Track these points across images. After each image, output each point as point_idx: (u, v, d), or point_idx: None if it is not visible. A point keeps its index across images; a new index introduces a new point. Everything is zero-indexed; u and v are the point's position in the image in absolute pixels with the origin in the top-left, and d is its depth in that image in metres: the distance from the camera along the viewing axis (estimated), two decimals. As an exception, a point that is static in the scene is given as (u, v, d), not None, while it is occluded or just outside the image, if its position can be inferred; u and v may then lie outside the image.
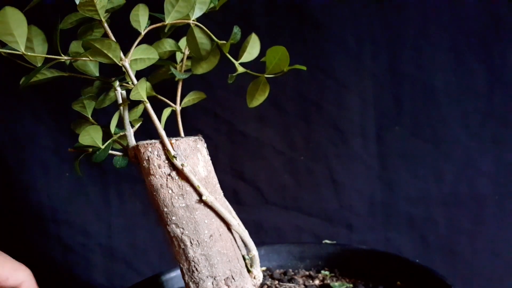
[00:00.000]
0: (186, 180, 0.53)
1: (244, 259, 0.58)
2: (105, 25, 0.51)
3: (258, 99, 0.56)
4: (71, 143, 1.02)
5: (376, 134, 1.00)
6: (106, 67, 0.56)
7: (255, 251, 0.58)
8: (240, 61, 0.55)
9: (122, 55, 0.52)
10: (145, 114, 0.55)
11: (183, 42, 0.60)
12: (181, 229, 0.54)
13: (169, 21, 0.53)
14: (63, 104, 1.00)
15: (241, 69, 0.54)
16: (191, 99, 0.62)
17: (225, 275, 0.56)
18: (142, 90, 0.52)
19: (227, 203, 0.59)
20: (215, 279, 0.55)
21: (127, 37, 0.53)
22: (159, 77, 0.62)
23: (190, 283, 0.56)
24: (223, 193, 0.58)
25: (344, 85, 0.98)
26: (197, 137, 0.56)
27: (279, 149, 1.02)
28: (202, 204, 0.54)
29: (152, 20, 0.54)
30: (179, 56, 0.62)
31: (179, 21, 0.53)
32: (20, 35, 0.48)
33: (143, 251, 1.07)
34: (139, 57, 0.54)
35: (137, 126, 0.59)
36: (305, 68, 0.52)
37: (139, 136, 0.57)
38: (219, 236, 0.55)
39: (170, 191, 0.53)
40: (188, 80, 0.59)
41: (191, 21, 0.53)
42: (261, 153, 1.03)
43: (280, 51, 0.51)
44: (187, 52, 0.60)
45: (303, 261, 0.78)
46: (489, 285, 1.01)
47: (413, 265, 0.68)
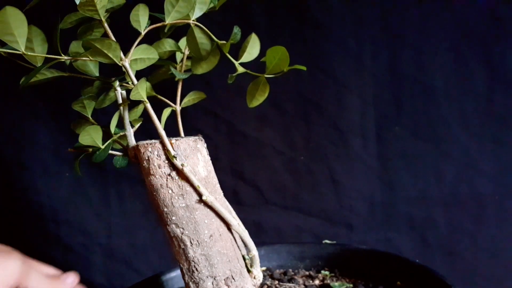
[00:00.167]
0: (186, 180, 0.53)
1: (244, 259, 0.58)
2: (105, 25, 0.51)
3: (258, 99, 0.56)
4: (71, 143, 1.02)
5: (376, 134, 1.00)
6: (106, 67, 0.56)
7: (255, 251, 0.58)
8: (240, 61, 0.55)
9: (122, 55, 0.52)
10: (145, 114, 0.55)
11: (183, 42, 0.60)
12: (181, 229, 0.54)
13: (169, 21, 0.53)
14: (63, 104, 1.00)
15: (241, 69, 0.54)
16: (191, 99, 0.62)
17: (225, 275, 0.56)
18: (142, 90, 0.52)
19: (227, 203, 0.58)
20: (215, 279, 0.55)
21: (127, 37, 0.53)
22: (159, 77, 0.62)
23: (190, 283, 0.56)
24: (223, 193, 0.58)
25: (344, 85, 0.98)
26: (197, 137, 0.56)
27: (279, 149, 1.02)
28: (202, 204, 0.54)
29: (152, 20, 0.54)
30: (179, 56, 0.62)
31: (179, 21, 0.53)
32: (20, 35, 0.48)
33: (143, 251, 1.07)
34: (139, 57, 0.54)
35: (137, 126, 0.59)
36: (305, 68, 0.52)
37: (139, 136, 0.57)
38: (219, 236, 0.55)
39: (170, 191, 0.53)
40: (188, 80, 0.59)
41: (191, 21, 0.53)
42: (261, 153, 1.03)
43: (280, 51, 0.51)
44: (187, 52, 0.60)
45: (303, 261, 0.78)
46: (489, 285, 1.01)
47: (413, 265, 0.68)
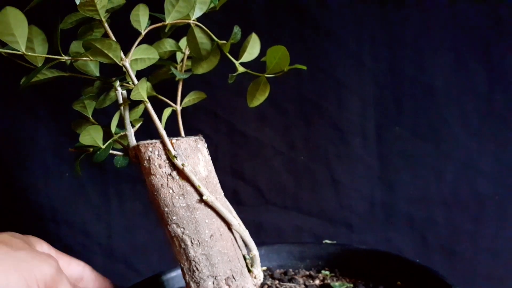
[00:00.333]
0: (186, 180, 0.53)
1: (244, 258, 0.58)
2: (106, 25, 0.51)
3: (258, 99, 0.56)
4: (71, 143, 1.02)
5: (376, 134, 1.00)
6: (106, 67, 0.56)
7: (255, 251, 0.58)
8: (240, 61, 0.55)
9: (122, 55, 0.52)
10: (146, 114, 0.55)
11: (183, 42, 0.60)
12: (182, 229, 0.54)
13: (169, 21, 0.53)
14: (63, 104, 1.00)
15: (241, 69, 0.54)
16: (192, 99, 0.62)
17: (225, 274, 0.56)
18: (142, 90, 0.52)
19: (228, 203, 0.58)
20: (216, 278, 0.55)
21: (127, 37, 0.53)
22: (160, 77, 0.62)
23: (191, 282, 0.56)
24: (223, 193, 0.58)
25: (344, 85, 0.98)
26: (197, 137, 0.56)
27: (279, 149, 1.02)
28: (202, 204, 0.54)
29: (152, 20, 0.54)
30: (179, 56, 0.62)
31: (180, 21, 0.53)
32: (20, 35, 0.48)
33: (143, 251, 1.07)
34: (139, 57, 0.54)
35: (137, 126, 0.59)
36: (305, 67, 0.52)
37: (139, 136, 0.57)
38: (220, 235, 0.55)
39: (170, 191, 0.53)
40: (188, 80, 0.59)
41: (191, 21, 0.53)
42: (261, 153, 1.03)
43: (280, 51, 0.51)
44: (187, 52, 0.60)
45: (303, 261, 0.78)
46: (489, 285, 1.01)
47: (413, 265, 0.68)
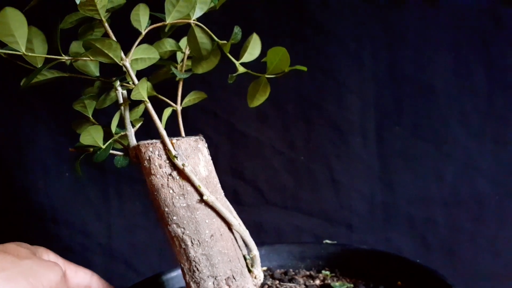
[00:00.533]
0: (187, 180, 0.53)
1: (245, 259, 0.58)
2: (106, 24, 0.51)
3: (259, 99, 0.56)
4: (71, 143, 1.01)
5: (376, 134, 1.00)
6: (106, 67, 0.56)
7: (256, 251, 0.58)
8: (241, 61, 0.55)
9: (122, 54, 0.52)
10: (146, 114, 0.55)
11: (183, 42, 0.60)
12: (182, 229, 0.54)
13: (169, 20, 0.53)
14: (63, 104, 0.99)
15: (241, 69, 0.54)
16: (192, 98, 0.62)
17: (226, 274, 0.55)
18: (143, 90, 0.52)
19: (228, 203, 0.58)
20: (216, 278, 0.55)
21: (128, 37, 0.53)
22: (160, 77, 0.62)
23: (191, 282, 0.56)
24: (223, 193, 0.58)
25: (344, 85, 0.98)
26: (198, 137, 0.56)
27: (279, 149, 1.02)
28: (203, 204, 0.54)
29: (152, 19, 0.54)
30: (180, 56, 0.62)
31: (180, 21, 0.53)
32: (20, 36, 0.48)
33: (143, 251, 1.07)
34: (140, 56, 0.54)
35: (138, 126, 0.59)
36: (305, 68, 0.52)
37: (140, 136, 0.57)
38: (220, 236, 0.55)
39: (171, 191, 0.53)
40: (188, 80, 0.59)
41: (191, 21, 0.53)
42: (261, 153, 1.03)
43: (280, 52, 0.51)
44: (187, 52, 0.60)
45: (303, 261, 0.78)
46: (490, 285, 1.01)
47: (413, 265, 0.68)
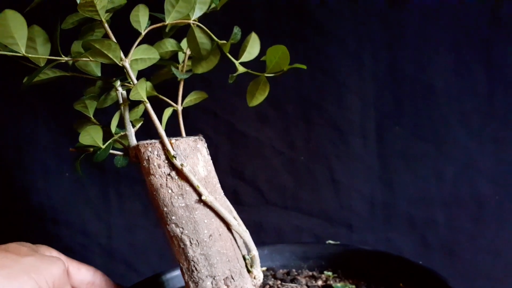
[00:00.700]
0: (185, 180, 0.53)
1: (244, 259, 0.58)
2: (106, 25, 0.51)
3: (258, 98, 0.56)
4: (71, 143, 1.01)
5: (376, 134, 1.00)
6: (108, 67, 0.56)
7: (255, 252, 0.58)
8: (240, 61, 0.55)
9: (122, 55, 0.52)
10: (147, 113, 0.55)
11: (185, 42, 0.60)
12: (181, 229, 0.54)
13: (169, 21, 0.53)
14: (63, 104, 1.00)
15: (241, 69, 0.54)
16: (193, 98, 0.62)
17: (224, 274, 0.55)
18: (142, 90, 0.52)
19: (228, 203, 0.58)
20: (214, 278, 0.55)
21: (129, 37, 0.53)
22: (161, 77, 0.62)
23: (189, 282, 0.56)
24: (223, 193, 0.58)
25: (344, 85, 0.98)
26: (197, 137, 0.56)
27: (279, 149, 1.02)
28: (201, 204, 0.54)
29: (152, 20, 0.54)
30: (181, 56, 0.62)
31: (180, 21, 0.53)
32: (20, 37, 0.49)
33: (143, 251, 1.07)
34: (139, 57, 0.54)
35: (138, 125, 0.59)
36: (305, 67, 0.52)
37: (141, 135, 0.57)
38: (219, 236, 0.55)
39: (169, 191, 0.53)
40: (188, 80, 0.59)
41: (191, 21, 0.53)
42: (261, 153, 1.03)
43: (280, 50, 0.51)
44: (188, 52, 0.60)
45: (306, 261, 0.78)
46: (490, 285, 1.01)
47: (416, 267, 0.68)
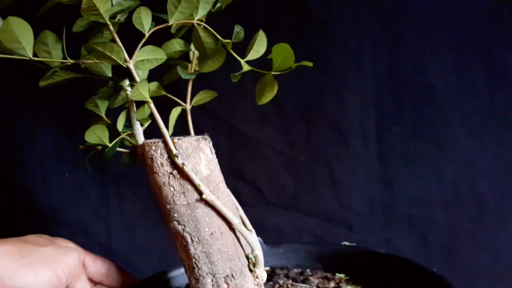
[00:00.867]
0: (187, 178, 0.54)
1: (247, 258, 0.58)
2: (111, 27, 0.52)
3: (267, 97, 0.56)
4: (71, 143, 1.02)
5: (376, 134, 1.00)
6: (122, 68, 0.57)
7: (258, 251, 0.58)
8: (246, 59, 0.55)
9: (126, 56, 0.53)
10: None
11: None
12: (183, 226, 0.55)
13: (172, 21, 0.53)
14: (63, 104, 1.00)
15: (246, 67, 0.55)
16: (202, 97, 0.62)
17: (224, 273, 0.56)
18: (144, 90, 0.53)
19: (234, 202, 0.59)
20: (214, 276, 0.56)
21: (140, 38, 0.54)
22: (172, 77, 0.63)
23: (191, 279, 0.57)
24: (229, 192, 0.59)
25: (344, 85, 0.98)
26: (200, 136, 0.56)
27: (279, 149, 1.02)
28: (203, 202, 0.54)
29: (157, 21, 0.55)
30: (192, 55, 0.63)
31: (183, 21, 0.54)
32: (26, 42, 0.51)
33: (143, 251, 1.07)
34: (145, 58, 0.55)
35: (146, 125, 0.61)
36: (311, 64, 0.53)
37: (155, 134, 0.58)
38: (220, 234, 0.56)
39: (172, 189, 0.54)
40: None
41: (194, 21, 0.54)
42: (261, 153, 1.03)
43: (284, 48, 0.51)
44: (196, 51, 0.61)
45: (322, 262, 0.77)
46: (490, 285, 1.01)
47: (430, 274, 0.66)
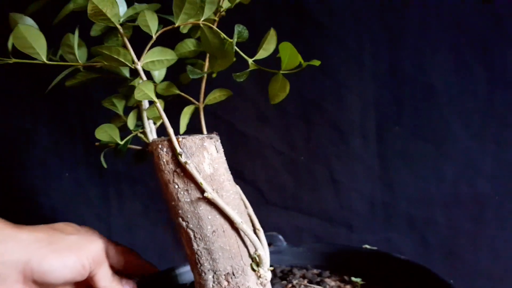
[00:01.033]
0: (189, 177, 0.55)
1: (251, 257, 0.59)
2: (121, 31, 0.54)
3: (279, 96, 0.56)
4: (71, 143, 1.02)
5: (376, 134, 1.00)
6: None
7: (261, 251, 0.58)
8: (255, 58, 0.56)
9: (135, 58, 0.54)
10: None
11: None
12: (186, 223, 0.56)
13: (179, 23, 0.54)
14: (63, 104, 0.99)
15: (253, 66, 0.55)
16: (217, 96, 0.63)
17: (225, 270, 0.57)
18: (148, 90, 0.54)
19: (240, 201, 0.59)
20: (215, 273, 0.57)
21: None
22: (188, 76, 0.63)
23: (195, 274, 0.58)
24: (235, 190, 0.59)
25: (344, 85, 0.98)
26: (204, 135, 0.57)
27: (279, 149, 1.02)
28: (205, 200, 0.55)
29: (166, 23, 0.56)
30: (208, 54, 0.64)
31: (190, 22, 0.55)
32: (40, 47, 0.54)
33: (143, 251, 1.06)
34: (156, 59, 0.56)
35: (158, 123, 0.63)
36: (319, 63, 0.53)
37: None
38: (223, 232, 0.57)
39: (176, 186, 0.55)
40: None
41: (200, 22, 0.54)
42: (261, 153, 1.03)
43: (288, 47, 0.52)
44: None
45: (341, 263, 0.77)
46: (490, 285, 1.01)
47: (443, 282, 0.66)
